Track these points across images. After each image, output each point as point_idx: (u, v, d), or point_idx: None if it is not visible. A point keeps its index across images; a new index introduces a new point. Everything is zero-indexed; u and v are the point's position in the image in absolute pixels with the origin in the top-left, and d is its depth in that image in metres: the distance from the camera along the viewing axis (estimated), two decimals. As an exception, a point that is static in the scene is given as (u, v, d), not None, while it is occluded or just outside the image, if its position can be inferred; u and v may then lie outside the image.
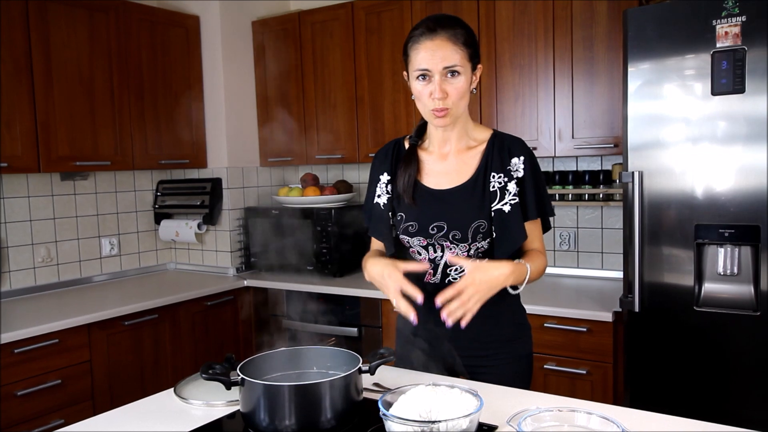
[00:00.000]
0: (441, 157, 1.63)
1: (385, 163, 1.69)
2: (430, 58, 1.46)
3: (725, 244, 2.07)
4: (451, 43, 1.47)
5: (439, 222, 1.57)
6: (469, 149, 1.61)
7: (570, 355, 2.46)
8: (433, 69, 1.47)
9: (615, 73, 2.60)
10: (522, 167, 1.57)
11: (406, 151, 1.65)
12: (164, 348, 3.02)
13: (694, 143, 2.09)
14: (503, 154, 1.58)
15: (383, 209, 1.66)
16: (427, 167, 1.64)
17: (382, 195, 1.67)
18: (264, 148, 3.73)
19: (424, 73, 1.48)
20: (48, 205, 3.21)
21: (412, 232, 1.60)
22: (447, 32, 1.47)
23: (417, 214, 1.60)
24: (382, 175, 1.68)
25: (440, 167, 1.62)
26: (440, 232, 1.57)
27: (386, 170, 1.67)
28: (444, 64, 1.46)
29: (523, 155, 1.58)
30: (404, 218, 1.62)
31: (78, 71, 2.96)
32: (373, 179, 1.71)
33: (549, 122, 2.78)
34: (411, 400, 1.23)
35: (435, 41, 1.47)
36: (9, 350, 2.41)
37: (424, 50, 1.47)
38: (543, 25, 2.75)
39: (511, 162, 1.57)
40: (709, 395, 2.11)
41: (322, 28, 3.42)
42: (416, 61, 1.49)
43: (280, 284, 3.27)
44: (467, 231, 1.56)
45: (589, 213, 3.05)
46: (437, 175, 1.62)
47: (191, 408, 1.47)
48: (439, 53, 1.46)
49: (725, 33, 1.99)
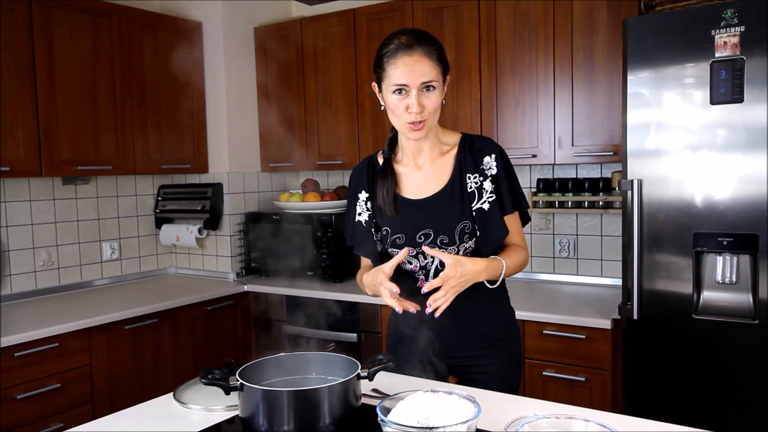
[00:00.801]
0: (416, 168, 1.68)
1: (361, 181, 1.73)
2: (409, 74, 1.50)
3: (724, 253, 2.08)
4: (428, 59, 1.51)
5: (425, 230, 1.61)
6: (442, 155, 1.67)
7: (569, 363, 2.46)
8: (411, 84, 1.51)
9: (615, 81, 2.61)
10: (494, 164, 1.63)
11: (381, 166, 1.70)
12: (164, 352, 3.02)
13: (693, 151, 2.10)
14: (475, 155, 1.64)
15: (365, 227, 1.71)
16: (405, 179, 1.68)
17: (363, 213, 1.72)
18: (265, 153, 3.74)
19: (401, 88, 1.52)
20: (49, 209, 3.22)
21: (400, 244, 1.64)
22: (423, 48, 1.52)
23: (402, 226, 1.64)
24: (361, 194, 1.72)
25: (417, 177, 1.67)
26: (428, 239, 1.62)
27: (363, 188, 1.72)
28: (422, 80, 1.51)
29: (494, 153, 1.64)
30: (390, 232, 1.65)
31: (81, 76, 2.98)
32: (352, 198, 1.75)
33: (549, 130, 2.79)
34: (409, 406, 1.24)
35: (413, 57, 1.51)
36: (9, 354, 2.41)
37: (403, 65, 1.51)
38: (543, 34, 2.76)
39: (484, 161, 1.63)
40: (708, 403, 2.11)
41: (324, 35, 3.43)
42: (394, 76, 1.52)
43: (280, 289, 3.28)
44: (454, 233, 1.60)
45: (589, 220, 3.06)
46: (415, 185, 1.66)
47: (190, 413, 1.47)
48: (417, 69, 1.50)
49: (724, 43, 2.00)
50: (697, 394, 2.13)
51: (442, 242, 1.60)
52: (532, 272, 3.21)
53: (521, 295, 2.85)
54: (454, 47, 2.97)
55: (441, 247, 1.60)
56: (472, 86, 2.96)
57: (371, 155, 1.78)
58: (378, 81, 1.59)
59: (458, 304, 1.61)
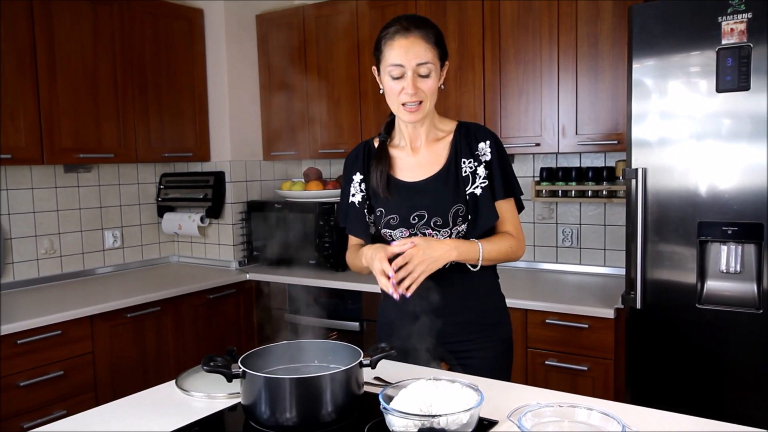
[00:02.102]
0: (412, 151, 1.70)
1: (356, 163, 1.76)
2: (404, 55, 1.53)
3: (728, 242, 2.07)
4: (424, 41, 1.54)
5: (420, 211, 1.64)
6: (438, 140, 1.69)
7: (571, 352, 2.46)
8: (407, 65, 1.53)
9: (619, 69, 2.59)
10: (489, 150, 1.65)
11: (377, 149, 1.73)
12: (166, 340, 3.02)
13: (699, 140, 2.08)
14: (470, 141, 1.66)
15: (358, 207, 1.73)
16: (400, 162, 1.71)
17: (357, 194, 1.74)
18: (267, 142, 3.72)
19: (397, 69, 1.55)
20: (51, 197, 3.21)
21: (394, 225, 1.66)
22: (420, 32, 1.54)
23: (396, 207, 1.66)
24: (355, 175, 1.75)
25: (413, 161, 1.69)
26: (422, 221, 1.64)
27: (358, 170, 1.75)
28: (417, 61, 1.53)
29: (489, 139, 1.67)
30: (384, 213, 1.67)
31: (82, 64, 2.96)
32: (347, 180, 1.78)
33: (553, 118, 2.78)
34: (412, 395, 1.24)
35: (409, 39, 1.53)
36: (12, 341, 2.42)
37: (399, 47, 1.54)
38: (548, 21, 2.74)
39: (479, 147, 1.66)
40: (711, 393, 2.11)
41: (327, 23, 3.41)
42: (390, 57, 1.55)
43: (283, 278, 3.28)
44: (447, 216, 1.62)
45: (592, 209, 3.05)
46: (411, 169, 1.69)
47: (192, 400, 1.47)
48: (413, 50, 1.53)
49: (731, 30, 1.98)
50: (699, 384, 2.13)
51: (435, 224, 1.63)
52: (534, 261, 3.20)
53: (524, 284, 2.84)
54: (458, 35, 2.95)
55: (434, 228, 1.63)
56: (476, 74, 2.94)
57: (368, 139, 1.80)
58: (377, 64, 1.62)
59: (449, 289, 1.64)
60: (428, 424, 1.17)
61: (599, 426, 1.21)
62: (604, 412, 1.21)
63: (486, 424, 1.26)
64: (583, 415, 1.24)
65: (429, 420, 1.17)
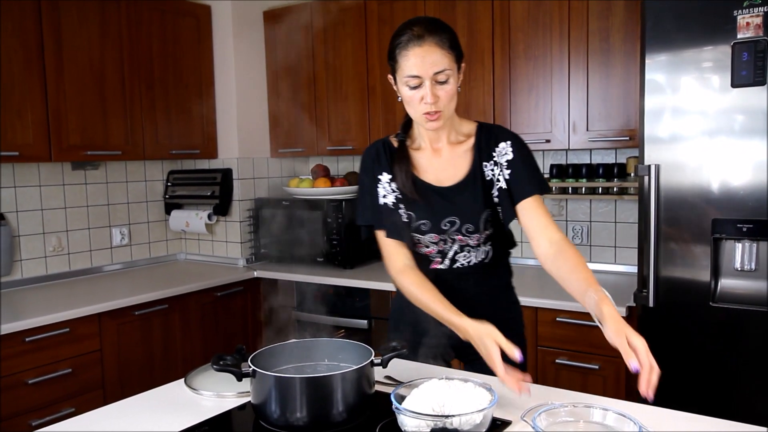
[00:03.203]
0: (434, 153, 1.66)
1: (380, 163, 1.67)
2: (421, 65, 1.48)
3: (743, 240, 2.04)
4: (439, 48, 1.49)
5: (451, 217, 1.61)
6: (459, 143, 1.65)
7: (582, 350, 2.44)
8: (424, 75, 1.49)
9: (631, 64, 2.56)
10: (510, 149, 1.61)
11: (397, 149, 1.67)
12: (174, 338, 3.02)
13: (712, 136, 2.05)
14: (490, 143, 1.63)
15: (393, 208, 1.64)
16: (422, 163, 1.66)
17: (388, 195, 1.65)
18: (274, 138, 3.71)
19: (414, 80, 1.50)
20: (59, 194, 3.21)
21: (425, 230, 1.63)
22: (434, 38, 1.49)
23: (426, 212, 1.62)
24: (382, 176, 1.66)
25: (436, 163, 1.65)
26: (453, 227, 1.62)
27: (384, 170, 1.66)
28: (434, 70, 1.48)
29: (509, 139, 1.63)
30: (414, 217, 1.63)
31: (89, 61, 2.95)
32: (372, 180, 1.67)
33: (563, 114, 2.75)
34: (424, 394, 1.22)
35: (423, 47, 1.48)
36: (20, 339, 2.41)
37: (414, 56, 1.49)
38: (558, 16, 2.71)
39: (498, 147, 1.62)
40: (724, 392, 2.08)
41: (334, 18, 3.39)
42: (406, 68, 1.50)
43: (290, 275, 3.27)
44: (479, 222, 1.61)
45: (603, 207, 3.02)
46: (434, 171, 1.65)
47: (202, 399, 1.46)
48: (429, 59, 1.48)
49: (747, 24, 1.94)
50: (713, 383, 2.10)
51: (467, 230, 1.61)
52: (544, 259, 3.17)
53: (533, 281, 2.81)
54: (467, 30, 2.92)
55: (465, 235, 1.61)
56: (485, 70, 2.91)
57: (383, 138, 1.74)
58: (392, 72, 1.58)
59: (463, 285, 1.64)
60: (441, 425, 1.15)
61: (615, 427, 1.19)
62: (620, 413, 1.19)
63: (499, 425, 1.25)
64: (599, 415, 1.22)
65: (442, 420, 1.15)
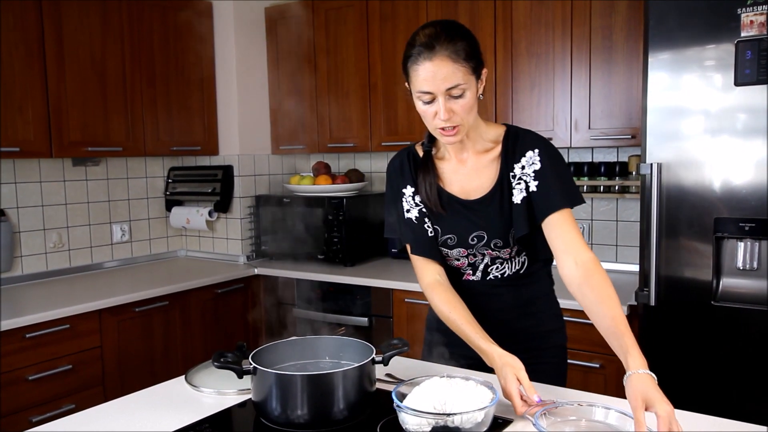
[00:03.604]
0: (459, 163, 1.57)
1: (404, 175, 1.60)
2: (432, 80, 1.36)
3: (745, 238, 2.03)
4: (451, 61, 1.35)
5: (478, 232, 1.53)
6: (486, 152, 1.55)
7: (583, 348, 2.43)
8: (436, 91, 1.37)
9: (634, 62, 2.55)
10: (538, 159, 1.50)
11: (422, 159, 1.59)
12: (174, 335, 3.02)
13: (715, 135, 2.04)
14: (517, 152, 1.52)
15: (417, 223, 1.57)
16: (448, 175, 1.57)
17: (412, 209, 1.58)
18: (276, 135, 3.70)
19: (426, 95, 1.39)
20: (60, 190, 3.21)
21: (452, 245, 1.56)
22: (447, 49, 1.36)
23: (453, 227, 1.55)
24: (406, 189, 1.59)
25: (461, 173, 1.57)
26: (481, 242, 1.54)
27: (408, 183, 1.59)
28: (447, 85, 1.36)
29: (538, 147, 1.51)
30: (440, 231, 1.57)
31: (90, 56, 2.95)
32: (396, 194, 1.61)
33: (565, 112, 2.74)
34: (425, 392, 1.22)
35: (434, 61, 1.35)
36: (21, 335, 2.41)
37: (424, 71, 1.36)
38: (561, 14, 2.70)
39: (526, 155, 1.51)
40: (726, 391, 2.08)
41: (336, 15, 3.38)
42: (417, 83, 1.39)
43: (291, 273, 3.26)
44: (508, 237, 1.53)
45: (604, 205, 3.01)
46: (460, 182, 1.56)
47: (202, 396, 1.46)
48: (441, 74, 1.35)
49: (750, 22, 1.94)
50: (714, 382, 2.10)
51: (496, 245, 1.53)
52: (545, 257, 3.17)
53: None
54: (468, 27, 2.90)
55: (494, 249, 1.54)
56: (487, 67, 2.89)
57: (408, 147, 1.63)
58: (407, 81, 1.47)
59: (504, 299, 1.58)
60: (442, 423, 1.15)
61: (617, 426, 1.18)
62: (622, 412, 1.19)
63: (501, 423, 1.24)
64: (601, 414, 1.22)
65: (443, 418, 1.15)
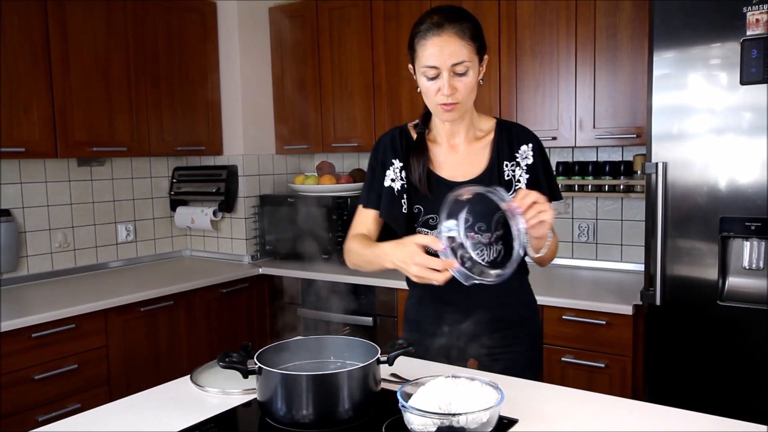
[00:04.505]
0: (451, 148, 1.62)
1: (395, 149, 1.64)
2: (438, 55, 1.44)
3: (751, 238, 2.03)
4: (458, 38, 1.44)
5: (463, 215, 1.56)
6: (477, 140, 1.62)
7: (588, 348, 2.43)
8: (442, 66, 1.45)
9: (639, 62, 2.54)
10: (531, 153, 1.60)
11: (416, 141, 1.63)
12: (179, 334, 3.02)
13: (720, 134, 2.04)
14: (512, 143, 1.60)
15: (396, 195, 1.62)
16: (439, 158, 1.63)
17: (397, 180, 1.63)
18: (280, 135, 3.71)
19: (432, 70, 1.46)
20: (65, 190, 3.22)
21: (433, 225, 1.59)
22: (454, 27, 1.44)
23: (436, 207, 1.56)
24: (395, 160, 1.64)
25: (452, 159, 1.62)
26: (465, 224, 1.56)
27: (398, 157, 1.64)
28: (452, 61, 1.44)
29: (531, 142, 1.61)
30: (422, 211, 1.60)
31: (95, 57, 2.95)
32: (382, 163, 1.65)
33: (570, 112, 2.73)
34: (430, 392, 1.21)
35: (442, 37, 1.44)
36: (26, 334, 2.42)
37: (432, 46, 1.44)
38: (565, 13, 2.70)
39: (520, 149, 1.60)
40: (731, 391, 2.07)
41: (340, 15, 3.38)
42: (424, 58, 1.46)
43: (295, 272, 3.27)
44: (491, 221, 1.56)
45: (609, 204, 3.00)
46: (450, 167, 1.61)
47: (207, 396, 1.46)
48: (447, 49, 1.43)
49: (756, 20, 1.93)
50: (720, 382, 2.09)
51: (479, 229, 1.56)
52: (549, 257, 3.16)
53: (539, 280, 2.81)
54: (473, 27, 2.91)
55: (476, 233, 1.57)
56: (491, 67, 2.89)
57: (401, 126, 1.70)
58: (412, 62, 1.54)
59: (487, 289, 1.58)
60: (447, 423, 1.14)
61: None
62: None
63: (506, 423, 1.24)
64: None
65: (448, 418, 1.14)
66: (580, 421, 1.26)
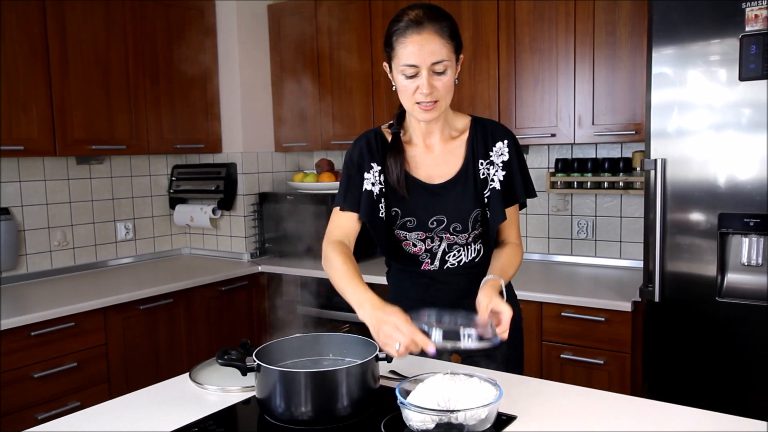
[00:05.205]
0: (427, 148, 1.61)
1: (372, 153, 1.61)
2: (418, 53, 1.42)
3: (750, 234, 2.03)
4: (438, 36, 1.43)
5: (439, 216, 1.58)
6: (453, 139, 1.61)
7: (587, 345, 2.43)
8: (421, 64, 1.43)
9: (638, 58, 2.54)
10: (507, 150, 1.59)
11: (391, 142, 1.61)
12: (179, 332, 3.02)
13: (719, 130, 2.04)
14: (487, 140, 1.59)
15: (375, 199, 1.60)
16: (415, 159, 1.61)
17: (376, 184, 1.60)
18: (279, 133, 3.70)
19: (411, 69, 1.44)
20: (64, 188, 3.21)
21: (411, 227, 1.60)
22: (434, 26, 1.43)
23: (414, 210, 1.59)
24: (373, 164, 1.61)
25: (428, 159, 1.61)
26: (440, 226, 1.59)
27: (375, 161, 1.61)
28: (432, 59, 1.42)
29: (507, 139, 1.60)
30: (400, 214, 1.60)
31: (94, 54, 2.95)
32: (359, 165, 1.61)
33: (569, 108, 2.73)
34: (429, 389, 1.22)
35: (422, 35, 1.42)
36: (26, 333, 2.42)
37: (412, 44, 1.42)
38: (564, 9, 2.69)
39: (495, 146, 1.59)
40: (730, 388, 2.07)
41: (339, 12, 3.37)
42: (403, 56, 1.44)
43: (295, 270, 3.27)
44: (467, 221, 1.57)
45: (608, 201, 3.00)
46: (426, 167, 1.61)
47: (206, 393, 1.46)
48: (427, 48, 1.42)
49: (755, 16, 1.92)
50: (719, 378, 2.09)
51: (455, 229, 1.58)
52: (549, 254, 3.17)
53: (538, 276, 2.81)
54: (472, 23, 2.91)
55: (453, 233, 1.58)
56: (490, 64, 2.89)
57: (374, 128, 1.68)
58: (388, 60, 1.52)
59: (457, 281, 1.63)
60: (446, 419, 1.15)
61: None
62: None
63: (505, 420, 1.24)
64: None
65: (447, 415, 1.15)
66: (579, 418, 1.26)
